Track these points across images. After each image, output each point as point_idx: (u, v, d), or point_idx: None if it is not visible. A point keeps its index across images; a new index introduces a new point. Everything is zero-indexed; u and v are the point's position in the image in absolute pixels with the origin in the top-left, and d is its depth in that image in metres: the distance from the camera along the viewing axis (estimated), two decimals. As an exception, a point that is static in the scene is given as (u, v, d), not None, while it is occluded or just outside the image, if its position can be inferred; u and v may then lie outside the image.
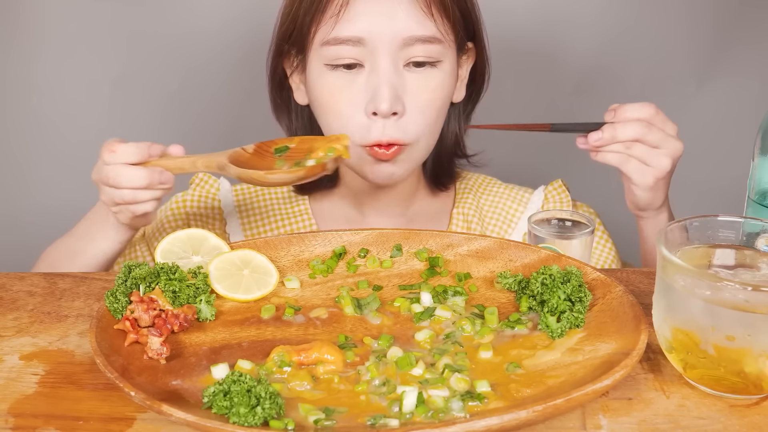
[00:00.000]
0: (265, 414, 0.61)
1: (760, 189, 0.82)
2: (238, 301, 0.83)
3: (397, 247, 0.91)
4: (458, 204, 1.23)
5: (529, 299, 0.80)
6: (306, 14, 1.05)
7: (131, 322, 0.74)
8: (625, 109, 0.99)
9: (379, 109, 1.02)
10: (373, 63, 1.03)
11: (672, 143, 0.99)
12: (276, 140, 0.99)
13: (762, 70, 1.70)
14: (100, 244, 1.04)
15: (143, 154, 0.94)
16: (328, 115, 1.08)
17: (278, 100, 1.18)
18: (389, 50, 1.02)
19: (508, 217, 1.23)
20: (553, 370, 0.70)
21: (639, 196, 1.02)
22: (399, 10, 1.02)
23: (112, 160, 0.94)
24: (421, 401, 0.65)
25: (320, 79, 1.06)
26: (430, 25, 1.03)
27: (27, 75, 1.69)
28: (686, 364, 0.69)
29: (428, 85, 1.05)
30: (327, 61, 1.05)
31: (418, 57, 1.04)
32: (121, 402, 0.68)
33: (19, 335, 0.80)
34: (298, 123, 1.19)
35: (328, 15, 1.03)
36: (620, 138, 0.98)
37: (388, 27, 1.02)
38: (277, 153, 0.97)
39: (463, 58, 1.14)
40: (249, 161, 0.95)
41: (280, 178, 0.91)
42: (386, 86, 1.02)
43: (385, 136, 1.04)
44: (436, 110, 1.07)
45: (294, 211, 1.22)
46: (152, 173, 0.94)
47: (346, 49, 1.03)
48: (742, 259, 0.74)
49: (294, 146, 0.98)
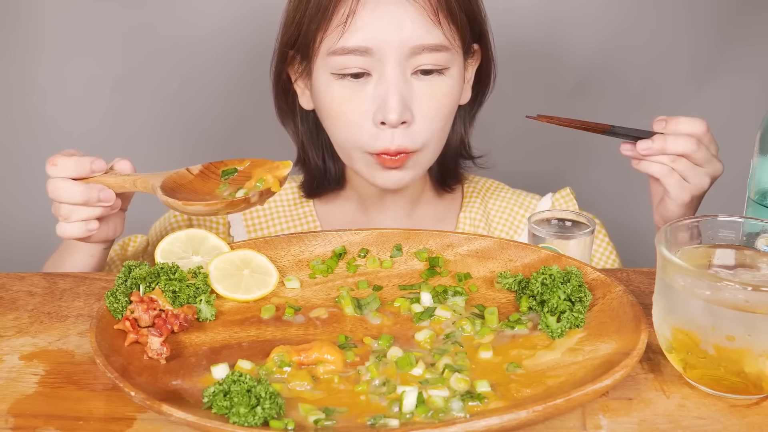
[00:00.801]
0: (265, 414, 0.61)
1: (760, 189, 0.82)
2: (238, 301, 0.83)
3: (397, 247, 0.91)
4: (465, 208, 1.23)
5: (529, 299, 0.80)
6: (311, 22, 1.03)
7: (131, 322, 0.74)
8: (678, 122, 0.98)
9: (387, 119, 1.01)
10: (381, 72, 1.02)
11: (714, 164, 0.99)
12: (227, 161, 0.94)
13: (762, 70, 1.70)
14: (74, 258, 1.03)
15: (84, 169, 0.92)
16: (336, 124, 1.07)
17: (283, 106, 1.18)
18: (397, 59, 1.01)
19: (515, 223, 1.23)
20: (553, 370, 0.70)
21: (672, 211, 1.01)
22: (406, 18, 1.00)
23: (53, 174, 0.92)
24: (421, 401, 0.65)
25: (327, 89, 1.05)
26: (438, 33, 1.02)
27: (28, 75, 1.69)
28: (686, 364, 0.69)
29: (436, 93, 1.05)
30: (334, 71, 1.04)
31: (425, 65, 1.03)
32: (121, 402, 0.68)
33: (19, 335, 0.80)
34: (303, 128, 1.18)
35: (335, 24, 1.01)
36: (669, 150, 0.97)
37: (395, 36, 1.00)
38: (224, 176, 0.92)
39: (469, 60, 1.13)
40: (190, 183, 0.91)
41: (197, 209, 0.85)
42: (395, 96, 1.01)
43: (393, 145, 1.03)
44: (445, 117, 1.07)
45: (299, 213, 1.22)
46: (90, 190, 0.91)
47: (353, 58, 1.02)
48: (742, 259, 0.74)
49: (243, 168, 0.93)
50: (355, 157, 1.08)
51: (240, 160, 0.93)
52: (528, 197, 1.26)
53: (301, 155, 1.20)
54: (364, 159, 1.06)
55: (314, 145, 1.18)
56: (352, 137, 1.06)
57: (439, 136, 1.08)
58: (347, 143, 1.07)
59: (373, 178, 1.09)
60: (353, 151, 1.07)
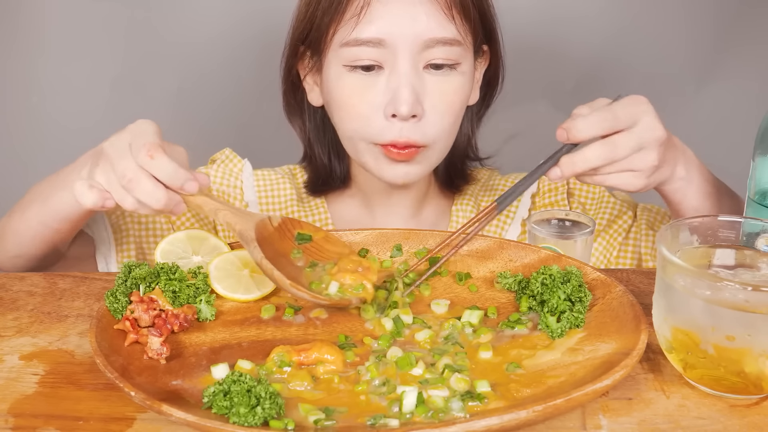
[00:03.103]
0: (265, 414, 0.61)
1: (760, 189, 0.82)
2: (238, 301, 0.83)
3: (397, 247, 0.91)
4: (456, 200, 1.22)
5: (529, 299, 0.80)
6: (324, 15, 1.04)
7: (131, 322, 0.74)
8: (576, 129, 0.88)
9: (399, 112, 1.01)
10: (393, 64, 1.02)
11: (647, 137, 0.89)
12: (303, 224, 0.89)
13: (762, 71, 1.70)
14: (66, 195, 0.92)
15: (176, 183, 0.82)
16: (346, 116, 1.07)
17: (291, 102, 1.18)
18: (410, 52, 1.01)
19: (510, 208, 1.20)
20: (553, 370, 0.70)
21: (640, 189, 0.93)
22: (420, 11, 1.01)
23: (144, 165, 0.81)
24: (421, 401, 0.65)
25: (339, 81, 1.05)
26: (451, 27, 1.02)
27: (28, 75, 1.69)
28: (686, 364, 0.69)
29: (448, 88, 1.04)
30: (346, 62, 1.03)
31: (437, 59, 1.02)
32: (121, 402, 0.68)
33: (19, 335, 0.80)
34: (310, 125, 1.18)
35: (348, 15, 1.01)
36: (579, 171, 0.89)
37: (409, 28, 1.00)
38: (299, 240, 0.87)
39: (479, 60, 1.13)
40: (270, 236, 0.85)
41: (302, 295, 0.79)
42: (407, 88, 1.01)
43: (402, 137, 1.03)
44: (455, 113, 1.06)
45: (311, 205, 1.21)
46: (170, 202, 0.82)
47: (366, 50, 1.02)
48: (742, 259, 0.74)
49: (317, 239, 0.89)
50: (363, 149, 1.07)
51: (316, 229, 0.89)
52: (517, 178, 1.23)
53: (308, 152, 1.20)
54: (372, 151, 1.06)
55: (320, 143, 1.18)
56: (361, 129, 1.05)
57: (448, 133, 1.08)
58: (356, 134, 1.07)
59: (381, 171, 1.08)
60: (360, 143, 1.07)
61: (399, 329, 0.78)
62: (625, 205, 1.20)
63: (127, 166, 0.82)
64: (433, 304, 0.82)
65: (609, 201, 1.20)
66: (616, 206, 1.19)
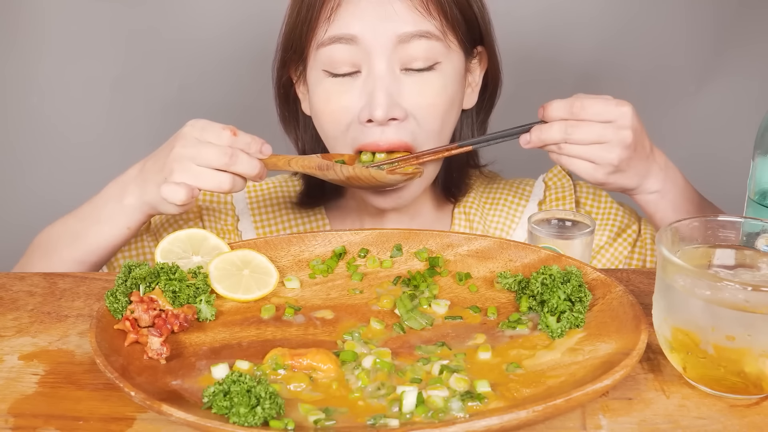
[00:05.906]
0: (265, 414, 0.61)
1: (760, 189, 0.82)
2: (238, 301, 0.83)
3: (397, 247, 0.91)
4: (459, 203, 1.21)
5: (529, 299, 0.80)
6: (304, 22, 1.04)
7: (131, 322, 0.74)
8: (550, 107, 0.98)
9: (374, 116, 1.00)
10: (370, 66, 1.01)
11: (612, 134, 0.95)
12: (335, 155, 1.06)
13: (762, 70, 1.70)
14: (105, 228, 0.99)
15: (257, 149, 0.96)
16: (324, 122, 1.06)
17: (285, 112, 1.17)
18: (384, 49, 1.00)
19: (510, 212, 1.20)
20: (553, 370, 0.70)
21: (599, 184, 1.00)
22: (392, 8, 1.00)
23: (232, 143, 0.94)
24: (421, 401, 0.65)
25: (317, 86, 1.05)
26: (426, 22, 1.01)
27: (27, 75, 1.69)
28: (686, 364, 0.69)
29: (428, 90, 1.02)
30: (324, 66, 1.03)
31: (415, 58, 1.01)
32: (121, 402, 0.68)
33: (19, 335, 0.80)
34: (306, 135, 1.17)
35: (322, 18, 1.02)
36: (546, 140, 0.98)
37: (381, 25, 1.00)
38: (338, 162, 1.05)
39: (473, 62, 1.11)
40: None
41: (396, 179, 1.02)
42: (381, 91, 0.99)
43: (383, 140, 1.01)
44: (440, 116, 1.04)
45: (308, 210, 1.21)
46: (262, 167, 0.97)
47: (340, 49, 1.01)
48: (742, 259, 0.74)
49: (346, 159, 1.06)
50: None
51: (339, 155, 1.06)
52: (522, 184, 1.23)
53: None
54: None
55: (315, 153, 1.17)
56: (341, 135, 1.04)
57: (437, 134, 1.05)
58: (337, 142, 1.06)
59: (368, 197, 1.07)
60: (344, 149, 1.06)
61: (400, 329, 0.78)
62: (633, 217, 1.19)
63: (216, 151, 0.92)
64: (434, 304, 0.82)
65: (618, 213, 1.18)
66: (625, 217, 1.18)
